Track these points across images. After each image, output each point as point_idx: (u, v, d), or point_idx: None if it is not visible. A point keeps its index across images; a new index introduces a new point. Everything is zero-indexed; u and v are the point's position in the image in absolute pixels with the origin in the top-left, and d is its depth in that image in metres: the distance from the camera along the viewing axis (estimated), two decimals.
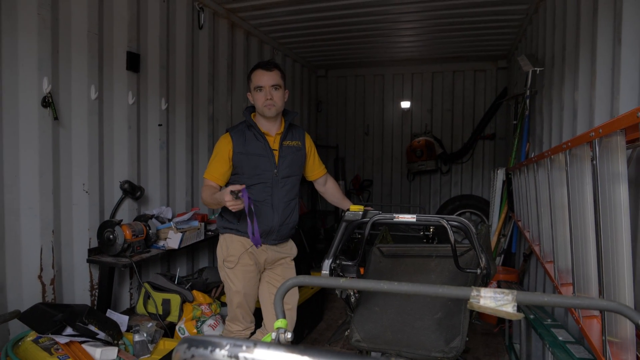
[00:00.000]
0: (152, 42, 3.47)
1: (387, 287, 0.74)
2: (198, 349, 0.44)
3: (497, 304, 0.71)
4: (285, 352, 0.41)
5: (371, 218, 1.67)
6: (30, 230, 2.56)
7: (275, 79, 2.36)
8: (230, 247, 2.43)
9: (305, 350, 0.41)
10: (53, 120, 2.63)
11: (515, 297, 0.72)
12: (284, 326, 0.72)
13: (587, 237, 1.76)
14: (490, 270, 1.65)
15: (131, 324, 2.77)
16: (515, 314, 0.73)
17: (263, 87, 2.34)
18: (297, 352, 0.40)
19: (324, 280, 1.02)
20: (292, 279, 0.86)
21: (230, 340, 0.43)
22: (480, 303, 0.73)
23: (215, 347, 0.43)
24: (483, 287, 0.74)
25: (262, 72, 2.36)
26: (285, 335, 0.70)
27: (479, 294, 0.73)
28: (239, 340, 0.43)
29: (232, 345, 0.42)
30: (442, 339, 1.86)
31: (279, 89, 2.37)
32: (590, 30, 2.43)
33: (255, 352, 0.41)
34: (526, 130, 4.10)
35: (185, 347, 0.45)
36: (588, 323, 1.80)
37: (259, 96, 2.36)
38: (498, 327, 3.85)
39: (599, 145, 1.44)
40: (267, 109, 2.35)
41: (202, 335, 0.46)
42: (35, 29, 2.52)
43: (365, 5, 4.29)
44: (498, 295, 0.72)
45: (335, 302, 4.57)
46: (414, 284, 0.77)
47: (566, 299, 0.79)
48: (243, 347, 0.42)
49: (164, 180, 3.65)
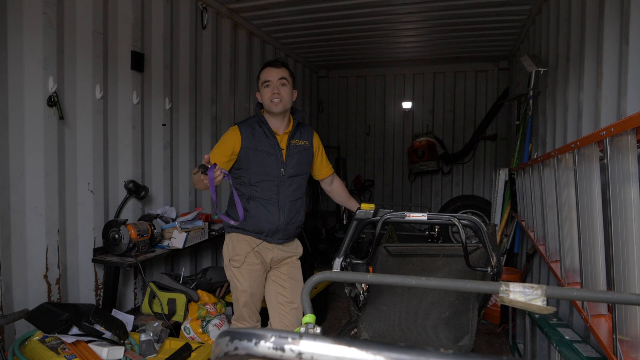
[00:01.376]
0: (156, 41, 3.47)
1: (415, 282, 0.74)
2: (242, 342, 0.44)
3: (527, 298, 0.72)
4: (331, 344, 0.41)
5: (382, 216, 1.67)
6: (36, 229, 2.56)
7: (283, 74, 2.36)
8: (237, 247, 2.43)
9: (352, 342, 0.41)
10: (58, 119, 2.62)
11: (545, 291, 0.72)
12: (312, 321, 0.72)
13: (595, 236, 1.77)
14: (501, 269, 1.65)
15: (137, 323, 2.77)
16: (546, 307, 0.74)
17: (270, 82, 2.34)
18: (344, 344, 0.41)
19: (350, 275, 1.02)
20: (318, 275, 0.86)
21: (275, 332, 0.43)
22: (510, 297, 0.73)
23: (260, 339, 0.43)
24: (511, 282, 0.74)
25: (270, 68, 2.37)
26: (315, 330, 0.70)
27: (508, 288, 0.74)
28: (283, 332, 0.43)
29: (277, 337, 0.42)
30: (450, 338, 1.87)
31: (286, 85, 2.36)
32: (596, 31, 2.44)
33: (301, 344, 0.41)
34: (529, 131, 4.11)
35: (227, 339, 0.45)
36: (596, 322, 1.80)
37: (266, 91, 2.35)
38: (501, 326, 3.86)
39: (609, 145, 1.45)
40: (273, 105, 2.33)
41: (244, 328, 0.46)
42: (40, 28, 2.52)
43: (367, 5, 4.30)
44: (527, 289, 0.73)
45: (338, 302, 4.58)
46: (442, 279, 0.77)
47: (596, 293, 0.79)
48: (289, 338, 0.42)
49: (167, 180, 3.65)
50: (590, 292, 0.79)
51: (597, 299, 0.95)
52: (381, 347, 0.40)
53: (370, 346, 0.40)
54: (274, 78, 2.34)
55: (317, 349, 0.41)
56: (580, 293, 0.77)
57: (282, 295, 2.49)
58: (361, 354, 0.40)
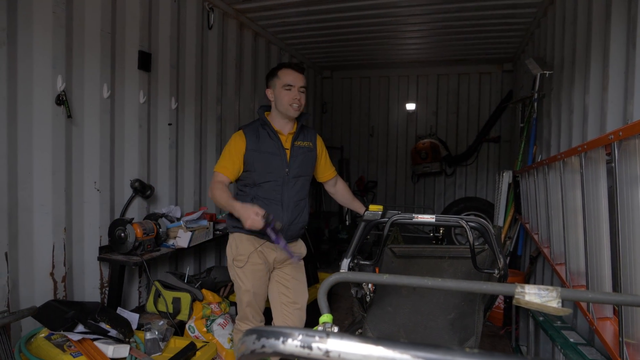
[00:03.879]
0: (163, 41, 3.49)
1: (431, 283, 0.75)
2: (269, 340, 0.44)
3: (542, 300, 0.73)
4: (359, 343, 0.42)
5: (390, 218, 1.68)
6: (43, 227, 2.57)
7: (304, 82, 2.42)
8: (240, 247, 2.44)
9: (379, 341, 0.42)
10: (66, 118, 2.64)
11: (560, 294, 0.73)
12: (329, 321, 0.73)
13: (601, 239, 1.78)
14: (507, 272, 1.66)
15: (141, 322, 2.79)
16: (562, 309, 0.74)
17: (293, 87, 2.37)
18: (371, 343, 0.42)
19: (367, 276, 1.04)
20: (334, 275, 0.87)
21: (302, 331, 0.44)
22: (525, 299, 0.74)
23: (287, 337, 0.44)
24: (527, 284, 0.75)
25: (294, 72, 2.39)
26: (332, 330, 0.71)
27: (524, 290, 0.74)
28: (310, 330, 0.44)
29: (304, 335, 0.43)
30: (455, 340, 1.88)
31: (304, 92, 2.41)
32: (603, 34, 2.45)
33: (328, 342, 0.42)
34: (533, 133, 4.11)
35: (254, 337, 0.46)
36: (602, 324, 1.81)
37: (286, 94, 2.36)
38: (504, 329, 3.86)
39: (617, 148, 1.45)
40: (292, 109, 2.37)
41: (270, 326, 0.47)
42: (50, 27, 2.53)
43: (372, 7, 4.31)
44: (543, 291, 0.73)
45: (340, 302, 4.59)
46: (458, 280, 0.78)
47: (612, 295, 0.79)
48: (316, 337, 0.43)
49: (172, 180, 3.66)
50: (604, 295, 0.80)
51: (612, 301, 0.95)
52: (408, 346, 0.41)
53: (397, 345, 0.41)
54: (297, 85, 2.37)
55: (344, 348, 0.41)
56: (595, 295, 0.78)
57: (285, 296, 2.50)
58: (388, 352, 0.41)
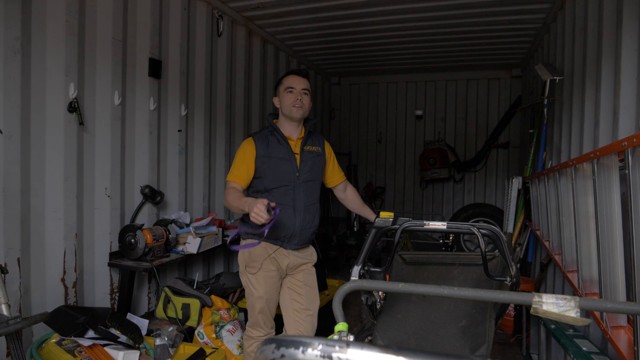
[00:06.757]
0: (173, 49, 3.52)
1: (447, 292, 0.75)
2: (288, 349, 0.44)
3: (561, 310, 0.72)
4: (379, 353, 0.42)
5: (402, 225, 1.67)
6: (55, 233, 2.60)
7: (306, 85, 2.47)
8: (253, 253, 2.44)
9: (399, 351, 0.42)
10: (78, 125, 2.67)
11: (578, 303, 0.72)
12: (345, 329, 0.73)
13: (615, 246, 1.76)
14: (520, 279, 1.64)
15: (151, 327, 2.79)
16: (581, 319, 0.73)
17: (294, 89, 2.42)
18: (391, 352, 0.41)
19: (382, 284, 1.03)
20: (349, 283, 0.86)
21: (321, 340, 0.44)
22: (543, 308, 0.73)
23: (307, 347, 0.44)
24: (544, 293, 0.74)
25: (295, 77, 2.47)
26: (348, 339, 0.70)
27: (541, 299, 0.73)
28: (330, 340, 0.44)
29: (324, 345, 0.43)
30: (467, 347, 1.86)
31: (307, 95, 2.47)
32: (614, 39, 2.43)
33: (349, 352, 0.42)
34: (543, 139, 4.08)
35: (273, 347, 0.46)
36: (615, 333, 1.79)
37: (288, 96, 2.43)
38: (515, 337, 3.82)
39: (631, 155, 1.44)
40: (295, 110, 2.41)
41: (289, 335, 0.47)
42: (62, 35, 2.57)
43: (380, 14, 4.32)
44: (560, 301, 0.73)
45: (349, 309, 4.56)
46: (474, 289, 0.77)
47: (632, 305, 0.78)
48: (336, 347, 0.43)
49: (182, 186, 3.68)
50: (623, 305, 0.78)
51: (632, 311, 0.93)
52: (429, 356, 0.40)
53: (417, 355, 0.41)
54: (298, 87, 2.43)
55: (365, 358, 0.41)
56: (614, 305, 0.77)
57: (297, 302, 2.50)
58: None
